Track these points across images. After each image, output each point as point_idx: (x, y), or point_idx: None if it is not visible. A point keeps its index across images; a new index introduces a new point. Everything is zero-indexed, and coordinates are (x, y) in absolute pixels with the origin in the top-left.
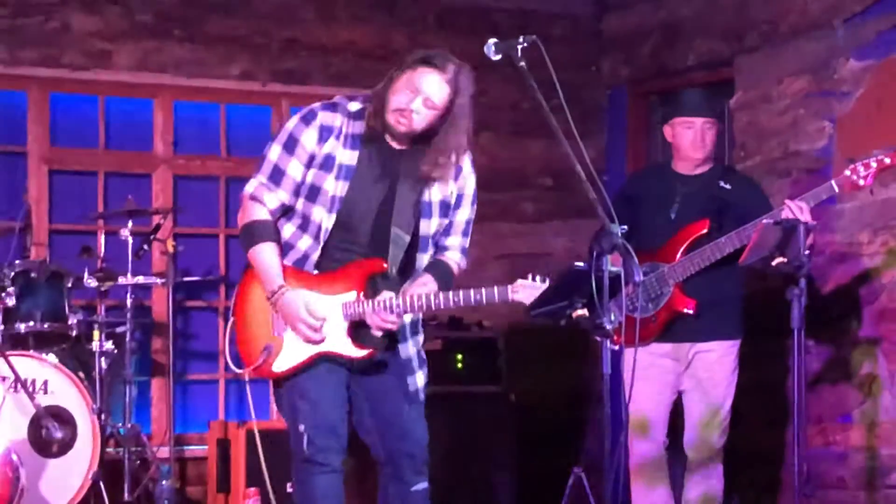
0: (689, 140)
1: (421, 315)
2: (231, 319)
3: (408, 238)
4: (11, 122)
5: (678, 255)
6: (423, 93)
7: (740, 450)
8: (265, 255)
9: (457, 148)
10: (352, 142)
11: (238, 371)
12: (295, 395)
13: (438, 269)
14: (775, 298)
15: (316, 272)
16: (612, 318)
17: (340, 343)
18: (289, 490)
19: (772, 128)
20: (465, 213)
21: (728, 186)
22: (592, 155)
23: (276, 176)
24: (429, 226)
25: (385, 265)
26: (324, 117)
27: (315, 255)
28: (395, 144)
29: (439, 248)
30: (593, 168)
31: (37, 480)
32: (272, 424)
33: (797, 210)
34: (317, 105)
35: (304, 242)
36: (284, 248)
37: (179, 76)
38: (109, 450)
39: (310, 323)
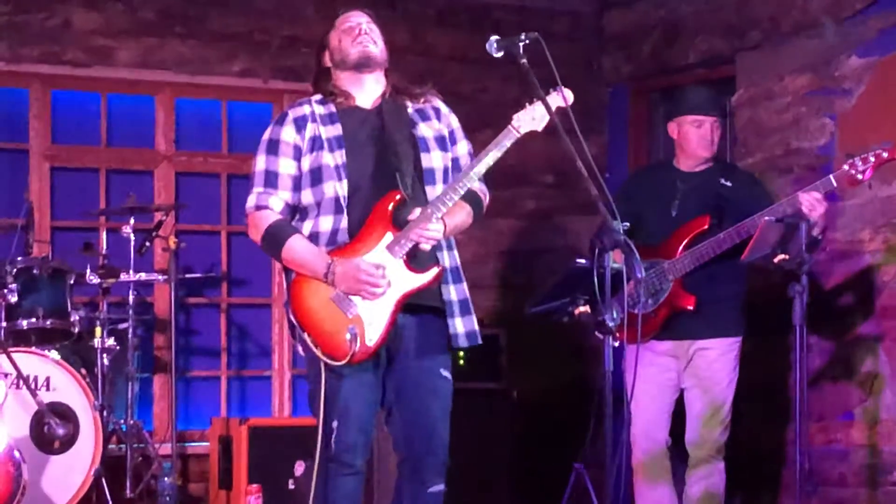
0: (698, 138)
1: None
2: (303, 334)
3: (412, 169)
4: (13, 119)
5: (679, 252)
6: (359, 20)
7: (742, 447)
8: (298, 246)
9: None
10: (329, 118)
11: (341, 363)
12: (331, 390)
13: (465, 196)
14: (777, 295)
15: (349, 240)
16: (614, 314)
17: (407, 281)
18: (290, 487)
19: (773, 125)
20: (464, 147)
21: (729, 183)
22: (594, 152)
23: (272, 180)
24: (430, 159)
25: (399, 193)
26: (294, 112)
27: (343, 224)
28: (366, 105)
29: None
30: (595, 165)
31: (39, 477)
32: (273, 422)
33: (813, 201)
34: (285, 108)
35: (327, 223)
36: (311, 241)
37: (181, 73)
38: (111, 446)
39: (371, 280)
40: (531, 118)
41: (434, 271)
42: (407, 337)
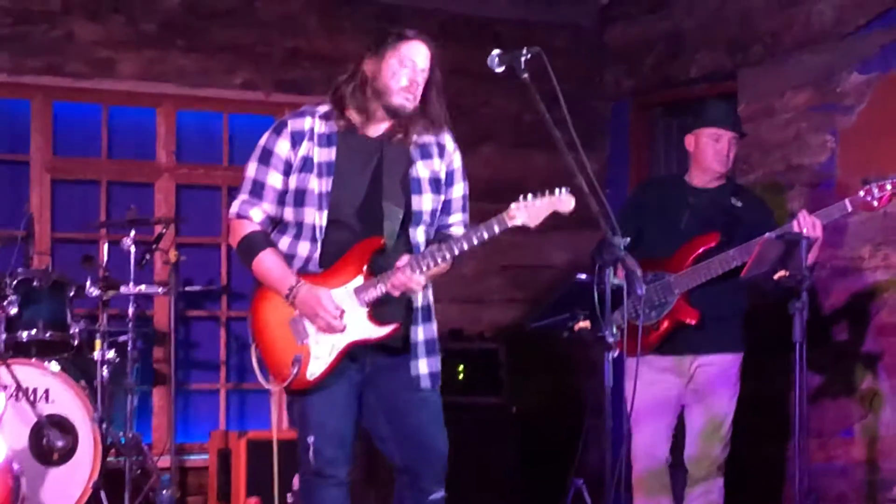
0: (714, 152)
1: (431, 279)
2: (252, 345)
3: (401, 213)
4: (14, 130)
5: (686, 266)
6: (418, 64)
7: (741, 463)
8: (268, 260)
9: (439, 116)
10: (326, 140)
11: (275, 389)
12: (306, 406)
13: (444, 240)
14: (777, 312)
15: (321, 270)
16: (615, 330)
17: (364, 329)
18: (289, 500)
19: (774, 141)
20: (459, 189)
21: (739, 204)
22: (595, 167)
23: (257, 190)
24: (421, 201)
25: (382, 240)
26: (293, 124)
27: (316, 255)
28: (370, 133)
29: (442, 228)
30: (596, 180)
31: (38, 489)
32: (271, 435)
33: (811, 225)
34: (286, 116)
35: (304, 248)
36: (286, 261)
37: (182, 85)
38: (110, 459)
39: (330, 312)
40: (527, 214)
41: (391, 328)
42: (378, 361)
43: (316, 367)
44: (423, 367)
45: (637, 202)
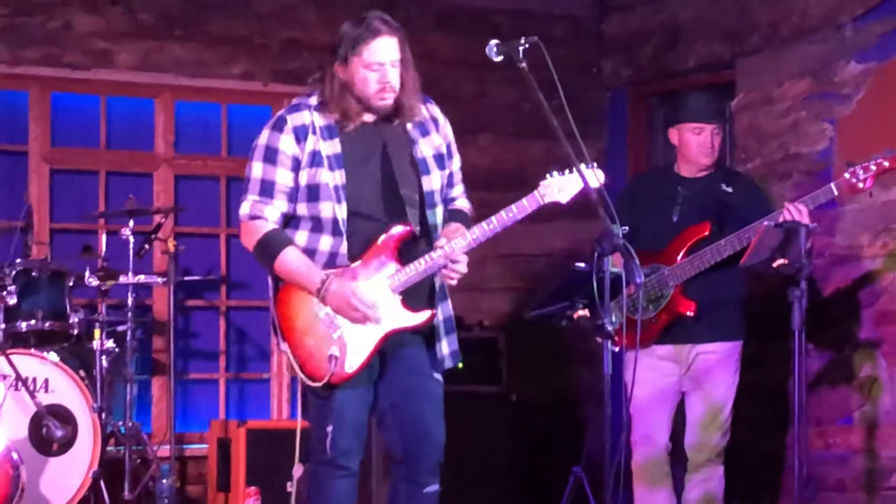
0: (697, 146)
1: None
2: (284, 346)
3: (417, 196)
4: (13, 121)
5: (679, 258)
6: (387, 60)
7: (741, 451)
8: (292, 258)
9: (415, 105)
10: (328, 132)
11: (317, 385)
12: (328, 396)
13: (461, 217)
14: (776, 300)
15: (349, 264)
16: (613, 319)
17: (400, 317)
18: (288, 489)
19: (772, 130)
20: (458, 161)
21: (730, 189)
22: (593, 156)
23: (267, 189)
24: (430, 181)
25: (411, 228)
26: (293, 119)
27: (343, 249)
28: (367, 119)
29: (448, 202)
30: None
31: (37, 479)
32: (272, 424)
33: (796, 213)
34: (281, 112)
35: (326, 242)
36: (307, 256)
37: (181, 76)
38: (110, 448)
39: (365, 303)
40: (558, 189)
41: (427, 314)
42: (396, 344)
43: (354, 360)
44: (446, 347)
45: (630, 196)
